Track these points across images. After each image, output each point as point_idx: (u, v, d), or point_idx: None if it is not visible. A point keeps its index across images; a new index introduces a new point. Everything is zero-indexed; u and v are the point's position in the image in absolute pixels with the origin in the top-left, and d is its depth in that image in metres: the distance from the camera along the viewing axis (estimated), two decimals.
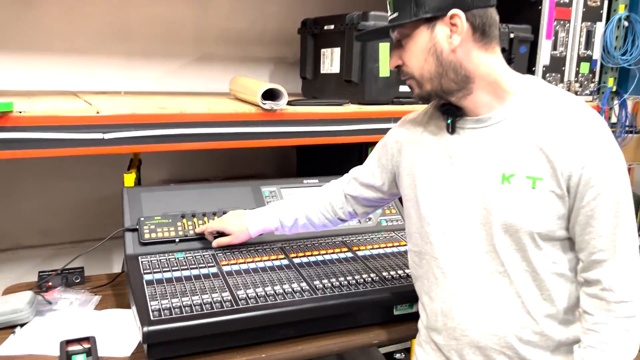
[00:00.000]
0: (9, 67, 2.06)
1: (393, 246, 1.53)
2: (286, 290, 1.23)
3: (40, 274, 1.48)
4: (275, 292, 1.22)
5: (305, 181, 1.67)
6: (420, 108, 1.22)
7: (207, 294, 1.20)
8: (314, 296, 1.23)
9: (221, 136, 1.58)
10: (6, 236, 2.24)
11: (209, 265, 1.34)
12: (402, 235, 1.60)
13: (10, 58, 2.06)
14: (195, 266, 1.33)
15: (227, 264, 1.35)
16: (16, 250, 2.29)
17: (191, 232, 1.43)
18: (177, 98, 1.89)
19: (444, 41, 1.01)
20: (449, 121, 1.09)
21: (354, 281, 1.30)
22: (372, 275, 1.33)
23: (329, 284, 1.27)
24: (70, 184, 2.19)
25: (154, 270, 1.29)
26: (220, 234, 1.41)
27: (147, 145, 1.56)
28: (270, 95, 1.56)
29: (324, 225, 1.36)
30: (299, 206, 1.37)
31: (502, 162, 1.02)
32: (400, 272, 1.37)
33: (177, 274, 1.29)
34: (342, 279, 1.30)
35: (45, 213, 2.24)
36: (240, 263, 1.36)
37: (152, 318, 1.10)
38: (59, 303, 1.35)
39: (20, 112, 1.39)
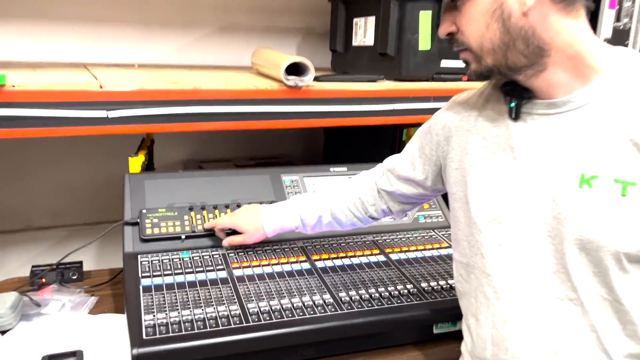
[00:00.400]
0: (15, 36, 1.90)
1: (433, 248, 1.31)
2: (306, 304, 1.04)
3: (34, 269, 1.32)
4: (293, 306, 1.03)
5: (332, 169, 1.47)
6: (468, 86, 0.99)
7: (213, 306, 1.01)
8: (339, 312, 1.03)
9: (239, 115, 1.40)
10: (18, 217, 2.16)
11: (217, 268, 1.15)
12: (444, 235, 1.39)
13: (17, 26, 1.90)
14: (201, 269, 1.14)
15: (239, 267, 1.16)
16: (28, 232, 2.21)
17: (199, 227, 1.25)
18: (194, 72, 1.71)
19: (513, 1, 0.78)
20: (513, 104, 0.86)
21: (387, 293, 1.09)
22: (408, 286, 1.13)
23: (357, 297, 1.07)
24: (85, 163, 2.05)
25: (154, 274, 1.11)
26: (233, 232, 1.22)
27: (157, 125, 1.39)
28: (295, 69, 1.35)
29: (352, 224, 1.16)
30: (323, 201, 1.16)
31: (581, 159, 0.79)
32: (442, 282, 1.15)
33: (179, 278, 1.10)
34: (372, 290, 1.10)
35: (58, 193, 2.13)
36: (254, 266, 1.17)
37: (144, 337, 0.92)
38: (49, 305, 1.19)
39: (14, 86, 1.22)
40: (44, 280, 1.31)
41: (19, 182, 2.10)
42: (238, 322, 0.97)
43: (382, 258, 1.25)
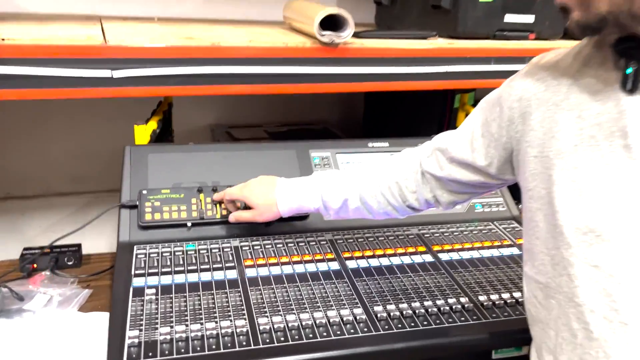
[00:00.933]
0: None
1: (493, 247, 1.07)
2: (332, 321, 0.82)
3: (24, 252, 1.15)
4: (315, 323, 0.81)
5: (370, 144, 1.23)
6: (538, 47, 0.73)
7: (215, 320, 0.81)
8: (374, 333, 0.81)
9: (264, 77, 1.18)
10: (36, 181, 2.06)
11: (227, 265, 0.95)
12: (507, 229, 1.14)
13: None
14: (207, 266, 0.94)
15: (253, 265, 0.95)
16: (47, 197, 2.10)
17: (209, 212, 1.04)
18: (217, 27, 1.48)
19: None
20: (630, 70, 0.60)
21: (435, 309, 0.86)
22: (462, 299, 0.89)
23: (397, 313, 0.85)
24: (107, 126, 1.89)
25: (150, 271, 0.92)
26: (247, 206, 1.01)
27: (169, 88, 1.20)
28: (332, 23, 1.11)
29: (385, 213, 0.92)
30: (352, 182, 0.93)
31: None
32: (505, 294, 0.91)
33: (179, 278, 0.90)
34: (417, 304, 0.87)
35: (78, 157, 2.02)
36: (270, 264, 0.96)
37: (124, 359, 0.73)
38: (34, 299, 1.02)
39: (3, 40, 1.04)
40: (35, 265, 1.14)
41: (38, 145, 2.00)
42: (245, 342, 0.77)
43: (429, 258, 1.01)
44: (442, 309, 0.86)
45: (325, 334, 0.80)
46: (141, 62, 1.14)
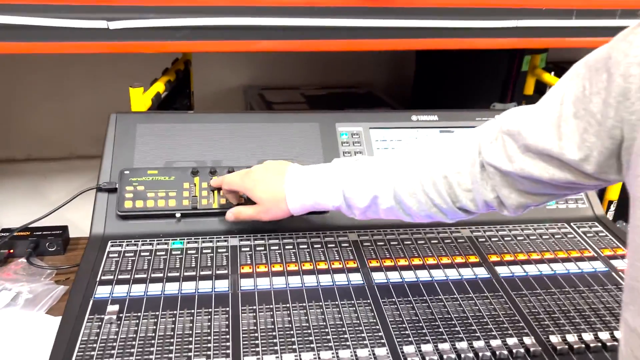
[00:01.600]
0: None
1: (569, 259, 0.81)
2: None
3: (0, 234, 0.98)
4: None
5: (414, 117, 0.97)
6: None
7: (188, 356, 0.61)
8: None
9: (297, 32, 1.00)
10: (58, 143, 1.98)
11: (218, 272, 0.74)
12: (591, 236, 0.88)
13: None
14: (194, 273, 0.73)
15: (251, 274, 0.74)
16: (71, 160, 2.01)
17: (204, 201, 0.83)
18: None
19: None
20: None
21: (488, 354, 0.63)
22: (526, 339, 0.65)
23: (435, 358, 0.62)
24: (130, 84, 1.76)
25: (120, 276, 0.72)
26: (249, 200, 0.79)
27: (174, 43, 1.03)
28: None
29: (428, 215, 0.68)
30: (384, 174, 0.70)
31: None
32: (586, 335, 0.67)
33: (155, 288, 0.70)
34: (463, 344, 0.64)
35: (103, 119, 1.91)
36: (274, 273, 0.74)
37: None
38: None
39: None
40: (12, 250, 0.97)
41: (60, 104, 1.88)
42: None
43: (482, 273, 0.77)
44: (497, 353, 0.63)
45: None
46: (138, 10, 0.96)
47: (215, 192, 0.84)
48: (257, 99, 1.80)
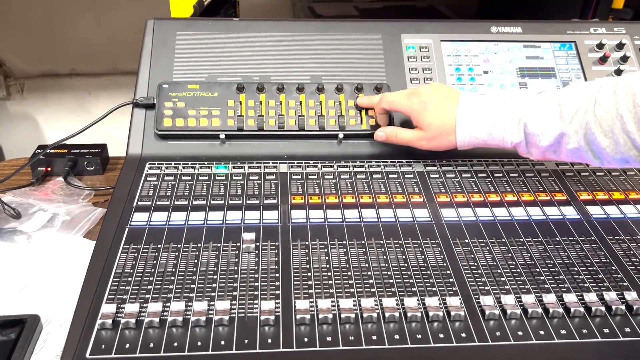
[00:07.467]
0: None
1: None
2: (410, 317, 0.52)
3: (37, 151, 0.93)
4: (384, 316, 0.52)
5: (494, 28, 0.83)
6: None
7: (234, 294, 0.53)
8: (477, 344, 0.50)
9: None
10: (101, 59, 1.91)
11: (266, 201, 0.66)
12: None
13: None
14: (239, 201, 0.65)
15: (302, 205, 0.65)
16: (114, 76, 1.94)
17: (251, 121, 0.74)
18: None
19: None
20: None
21: (582, 309, 0.53)
22: (627, 294, 0.55)
23: (518, 309, 0.53)
24: None
25: (158, 202, 0.65)
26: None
27: None
28: None
29: (623, 159, 0.59)
30: (574, 109, 0.61)
31: None
32: None
33: (197, 217, 0.63)
34: (549, 297, 0.54)
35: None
36: (329, 204, 0.65)
37: (87, 355, 0.48)
38: (33, 218, 0.80)
39: None
40: (49, 168, 0.92)
41: (102, 16, 1.78)
42: (272, 343, 0.49)
43: (571, 213, 0.66)
44: (593, 310, 0.53)
45: (399, 339, 0.50)
46: None
47: (360, 97, 0.74)
48: (306, 12, 1.66)
